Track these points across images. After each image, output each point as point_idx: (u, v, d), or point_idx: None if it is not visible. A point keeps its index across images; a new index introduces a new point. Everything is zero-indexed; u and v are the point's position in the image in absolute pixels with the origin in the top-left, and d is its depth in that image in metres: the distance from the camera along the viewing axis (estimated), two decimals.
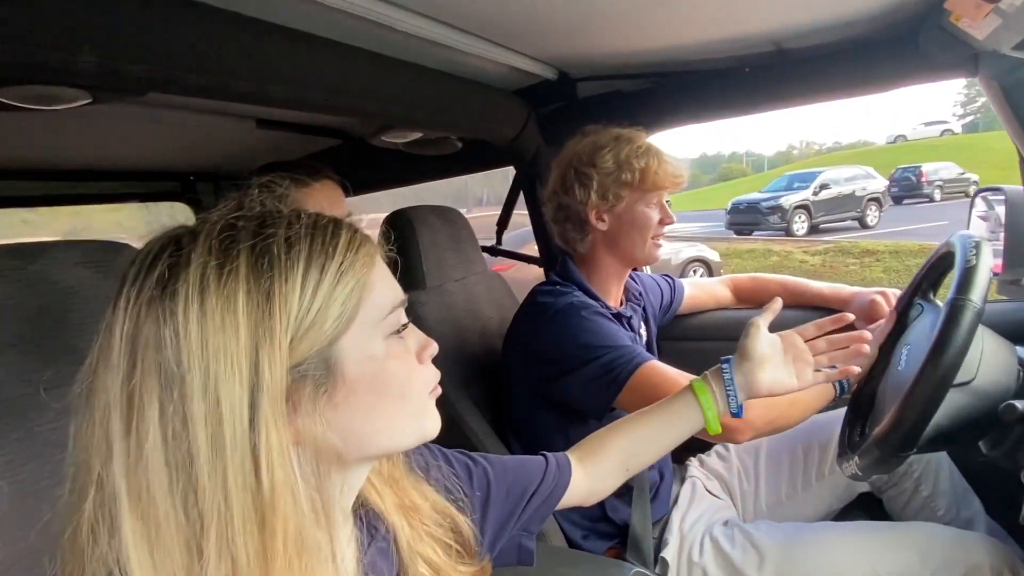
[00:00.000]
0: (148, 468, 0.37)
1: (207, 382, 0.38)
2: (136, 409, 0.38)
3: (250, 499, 0.38)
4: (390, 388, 0.46)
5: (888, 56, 1.16)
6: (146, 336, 0.38)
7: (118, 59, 0.68)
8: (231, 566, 0.38)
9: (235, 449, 0.38)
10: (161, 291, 0.39)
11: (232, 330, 0.38)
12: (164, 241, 0.41)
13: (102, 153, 1.58)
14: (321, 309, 0.41)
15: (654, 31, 1.14)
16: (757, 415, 0.91)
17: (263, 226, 0.42)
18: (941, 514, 1.14)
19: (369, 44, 1.01)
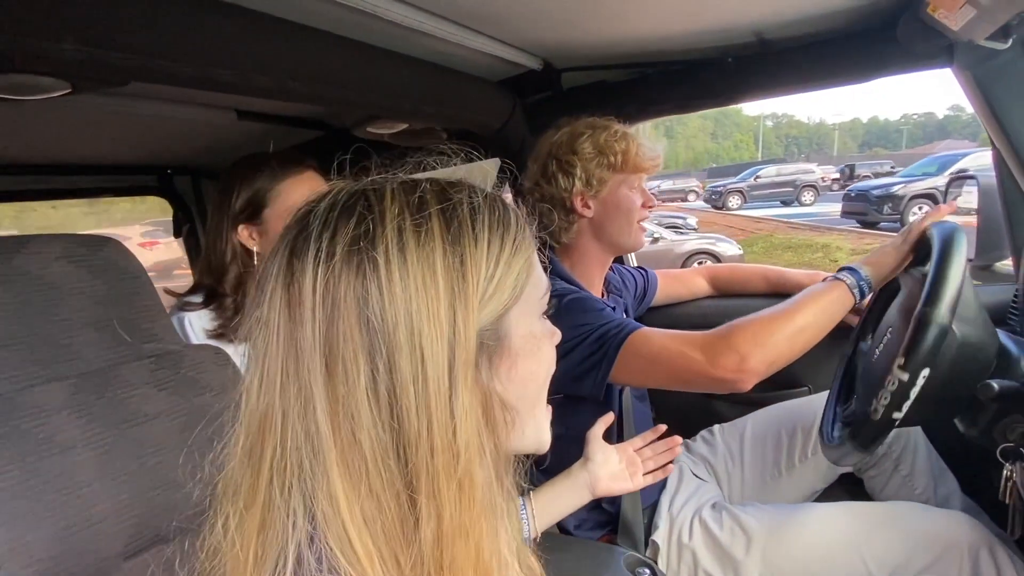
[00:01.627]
0: (354, 418, 0.38)
1: (412, 338, 0.38)
2: (339, 360, 0.38)
3: (451, 457, 0.39)
4: (541, 370, 0.46)
5: (868, 47, 1.18)
6: (345, 288, 0.38)
7: (99, 48, 0.66)
8: (436, 522, 0.38)
9: (439, 407, 0.38)
10: (360, 244, 0.38)
11: (433, 288, 0.39)
12: (349, 194, 0.41)
13: (77, 147, 1.54)
14: (502, 279, 0.41)
15: (638, 21, 1.14)
16: (759, 359, 0.91)
17: (446, 191, 0.42)
18: (919, 492, 1.18)
19: (353, 33, 1.00)
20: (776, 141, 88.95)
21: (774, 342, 0.92)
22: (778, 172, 22.65)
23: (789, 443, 1.25)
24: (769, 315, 0.95)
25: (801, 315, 0.94)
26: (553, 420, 1.14)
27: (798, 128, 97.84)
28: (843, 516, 1.02)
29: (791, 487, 1.24)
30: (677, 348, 0.96)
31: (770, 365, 0.92)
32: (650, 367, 0.98)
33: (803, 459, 1.23)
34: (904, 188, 11.01)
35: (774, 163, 30.58)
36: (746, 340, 0.92)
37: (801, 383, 1.50)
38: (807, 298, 0.97)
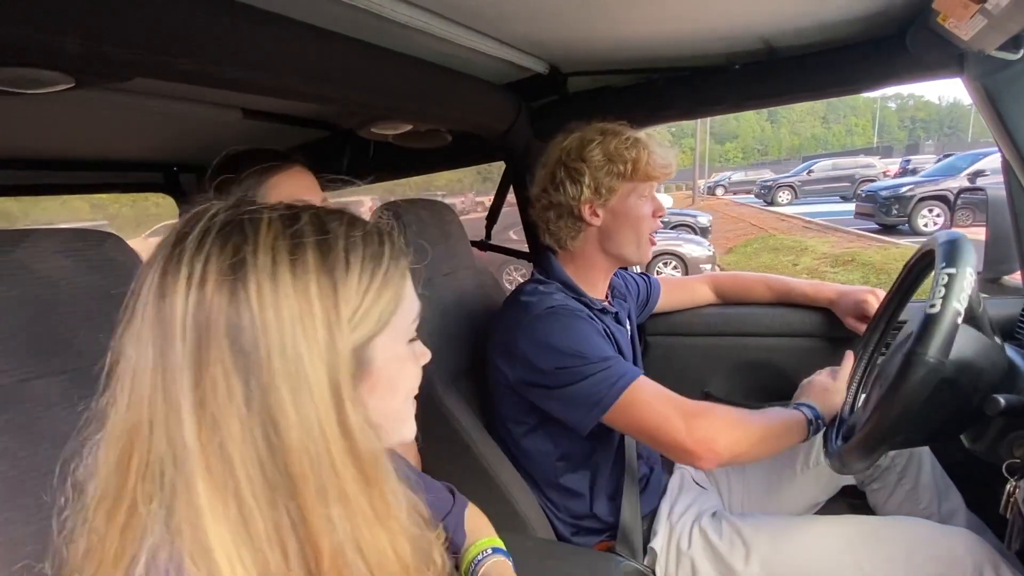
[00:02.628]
0: (223, 433, 0.40)
1: (289, 362, 0.41)
2: (208, 379, 0.40)
3: (350, 461, 0.43)
4: (403, 387, 0.51)
5: (876, 56, 1.17)
6: (217, 315, 0.40)
7: (103, 42, 0.66)
8: (345, 516, 0.42)
9: (327, 419, 0.42)
10: (232, 273, 0.41)
11: (309, 315, 0.42)
12: (225, 221, 0.43)
13: (85, 142, 1.55)
14: (368, 309, 0.45)
15: (645, 27, 1.14)
16: (725, 446, 0.97)
17: (324, 223, 0.45)
18: (923, 507, 1.16)
19: (360, 33, 0.99)
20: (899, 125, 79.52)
21: (746, 442, 0.99)
22: (834, 166, 21.61)
23: (790, 453, 1.24)
24: (747, 415, 1.02)
25: (770, 427, 1.02)
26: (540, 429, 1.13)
27: (926, 110, 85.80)
28: (845, 529, 1.01)
29: (792, 498, 1.23)
30: (664, 412, 1.00)
31: (733, 457, 0.99)
32: (636, 421, 1.01)
33: (804, 470, 1.22)
34: (913, 189, 10.49)
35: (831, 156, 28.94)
36: (725, 433, 0.98)
37: None
38: (774, 416, 1.05)
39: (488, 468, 1.16)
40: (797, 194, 20.66)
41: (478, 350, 1.29)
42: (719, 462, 0.97)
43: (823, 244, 9.77)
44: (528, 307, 1.09)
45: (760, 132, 74.09)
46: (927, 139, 49.43)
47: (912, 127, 79.19)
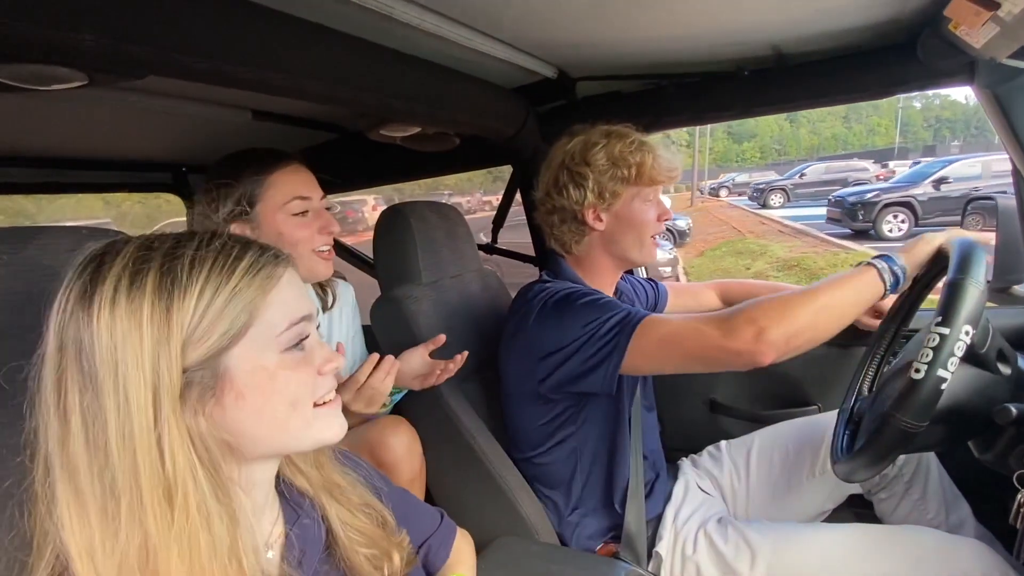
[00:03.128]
0: (73, 446, 0.46)
1: (116, 380, 0.45)
2: (63, 395, 0.46)
3: (157, 480, 0.46)
4: (280, 396, 0.51)
5: (887, 63, 1.17)
6: (70, 335, 0.46)
7: (118, 39, 0.67)
8: (143, 534, 0.45)
9: (142, 438, 0.46)
10: (81, 298, 0.47)
11: (137, 338, 0.46)
12: (92, 255, 0.49)
13: (95, 142, 1.56)
14: (210, 324, 0.48)
15: (654, 33, 1.14)
16: (777, 332, 0.87)
17: (175, 247, 0.49)
18: (930, 517, 1.15)
19: (371, 35, 1.00)
20: (924, 125, 76.05)
21: (794, 315, 0.88)
22: (827, 169, 21.41)
23: (796, 461, 1.23)
24: (790, 292, 0.92)
25: (824, 294, 0.91)
26: (552, 434, 1.13)
27: (952, 109, 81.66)
28: (852, 537, 1.00)
29: (797, 506, 1.22)
30: (692, 325, 0.93)
31: (790, 339, 0.88)
32: (664, 348, 0.95)
33: (810, 478, 1.21)
34: (878, 196, 10.75)
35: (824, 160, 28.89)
36: (764, 313, 0.89)
37: (810, 401, 1.48)
38: (832, 279, 0.94)
39: (492, 470, 1.16)
40: (789, 197, 20.66)
41: (484, 352, 1.29)
42: (778, 351, 0.88)
43: (783, 248, 9.85)
44: (543, 298, 1.08)
45: (779, 132, 72.27)
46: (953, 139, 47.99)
47: (937, 127, 76.13)
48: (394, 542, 0.66)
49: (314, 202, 1.10)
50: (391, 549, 0.65)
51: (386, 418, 1.25)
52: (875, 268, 0.93)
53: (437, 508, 0.84)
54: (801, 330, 0.89)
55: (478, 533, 0.93)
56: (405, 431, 1.21)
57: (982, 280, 0.78)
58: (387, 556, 0.64)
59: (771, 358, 0.88)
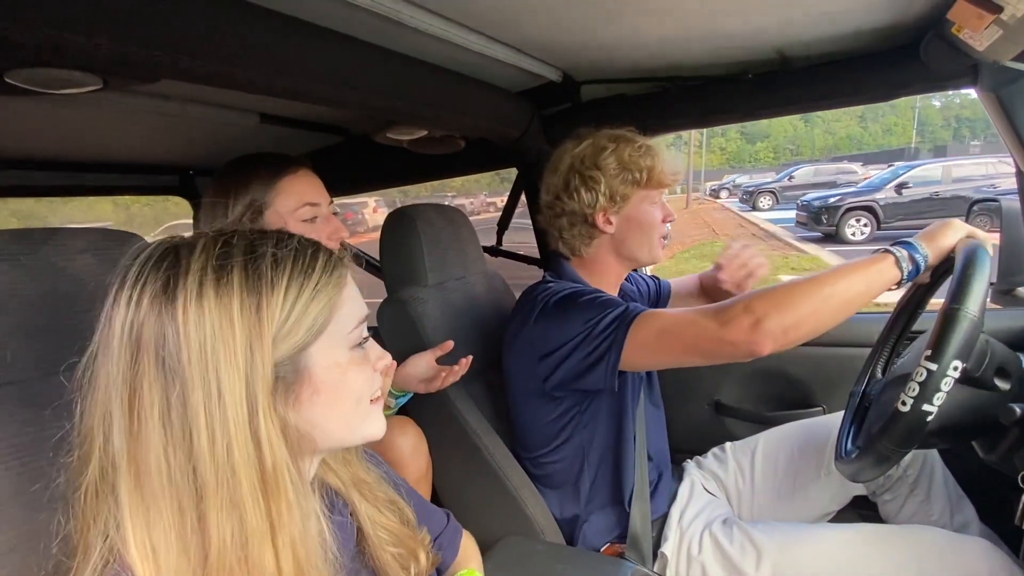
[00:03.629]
0: (147, 443, 0.45)
1: (207, 375, 0.45)
2: (137, 393, 0.45)
3: (255, 472, 0.46)
4: (348, 392, 0.53)
5: (890, 66, 1.18)
6: (148, 331, 0.45)
7: (132, 44, 0.68)
8: (239, 525, 0.45)
9: (239, 431, 0.45)
10: (163, 294, 0.46)
11: (229, 332, 0.46)
12: (164, 249, 0.49)
13: (105, 145, 1.58)
14: (297, 320, 0.48)
15: (659, 37, 1.15)
16: (774, 322, 0.85)
17: (254, 244, 0.49)
18: (935, 519, 1.15)
19: (378, 39, 1.01)
20: (943, 124, 72.82)
21: (794, 305, 0.86)
22: (815, 172, 21.56)
23: (801, 462, 1.23)
24: (793, 282, 0.89)
25: (831, 283, 0.87)
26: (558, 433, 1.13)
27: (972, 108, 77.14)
28: (858, 537, 1.00)
29: (802, 507, 1.22)
30: (688, 317, 0.93)
31: (788, 329, 0.85)
32: (662, 341, 0.95)
33: (815, 479, 1.21)
34: (841, 200, 11.02)
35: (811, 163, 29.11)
36: (762, 303, 0.87)
37: (815, 403, 1.48)
38: (842, 267, 0.90)
39: (498, 470, 1.16)
40: (778, 199, 20.66)
41: (490, 353, 1.30)
42: (776, 342, 0.85)
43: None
44: (545, 298, 1.09)
45: (793, 132, 70.85)
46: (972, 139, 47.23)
47: (957, 126, 73.45)
48: (419, 541, 0.67)
49: (323, 208, 1.11)
50: (417, 548, 0.66)
51: (393, 418, 1.26)
52: (892, 255, 0.89)
53: (443, 508, 0.85)
54: (801, 320, 0.86)
55: (484, 533, 0.94)
56: (412, 431, 1.22)
57: (977, 311, 0.76)
58: (413, 555, 0.65)
59: (769, 348, 0.87)
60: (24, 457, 0.65)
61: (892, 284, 0.90)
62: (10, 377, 0.66)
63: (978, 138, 55.40)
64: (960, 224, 0.93)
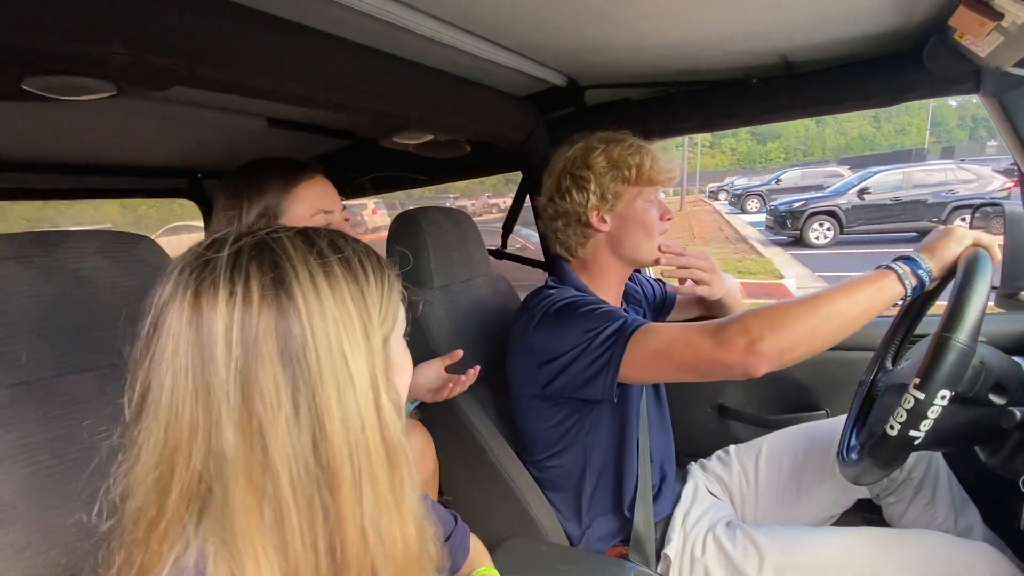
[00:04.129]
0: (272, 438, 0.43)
1: (334, 362, 0.45)
2: (257, 392, 0.43)
3: (382, 448, 0.47)
4: (406, 373, 0.56)
5: (893, 72, 1.18)
6: (265, 326, 0.44)
7: (146, 52, 0.70)
8: (373, 502, 0.46)
9: (367, 411, 0.46)
10: (273, 286, 0.44)
11: (347, 318, 0.46)
12: (252, 243, 0.47)
13: (114, 148, 1.59)
14: (387, 307, 0.51)
15: (663, 41, 1.16)
16: (769, 343, 0.85)
17: (336, 241, 0.50)
18: (939, 522, 1.15)
19: (386, 46, 1.03)
20: (959, 124, 70.74)
21: (791, 327, 0.86)
22: (802, 176, 21.57)
23: (805, 465, 1.23)
24: (792, 301, 0.89)
25: (830, 303, 0.87)
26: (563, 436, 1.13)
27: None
28: (861, 540, 1.00)
29: (805, 510, 1.22)
30: (685, 336, 0.93)
31: (783, 352, 0.86)
32: (659, 359, 0.95)
33: (818, 482, 1.21)
34: (805, 205, 11.38)
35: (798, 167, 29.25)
36: (759, 323, 0.87)
37: (819, 406, 1.48)
38: (843, 287, 0.89)
39: (503, 472, 1.17)
40: (766, 202, 20.64)
41: (495, 356, 1.31)
42: (771, 364, 0.86)
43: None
44: (544, 305, 1.09)
45: (804, 132, 69.93)
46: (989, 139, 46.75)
47: (973, 126, 70.45)
48: (431, 532, 0.67)
49: (335, 215, 1.11)
50: (429, 542, 0.66)
51: None
52: (894, 272, 0.88)
53: (449, 510, 0.86)
54: (798, 342, 0.86)
55: (489, 534, 0.94)
56: (419, 433, 1.23)
57: (968, 339, 0.76)
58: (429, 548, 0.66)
59: (764, 370, 0.87)
60: (37, 456, 0.66)
61: (896, 301, 0.89)
62: (24, 377, 0.68)
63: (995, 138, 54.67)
64: (963, 233, 0.92)
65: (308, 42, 0.91)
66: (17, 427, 0.65)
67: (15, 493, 0.63)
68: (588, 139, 1.18)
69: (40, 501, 0.64)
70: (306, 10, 0.86)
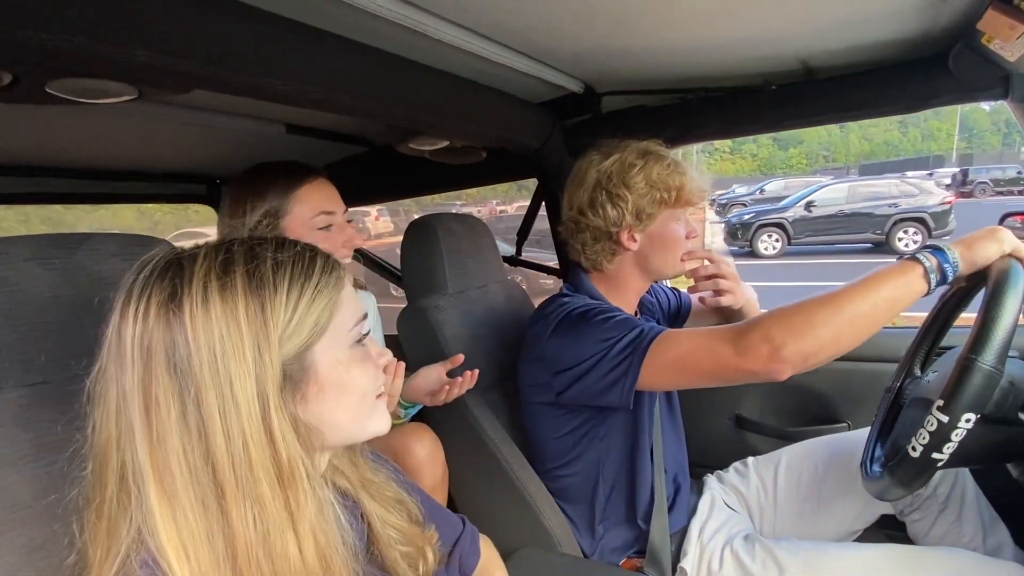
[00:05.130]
0: (167, 447, 0.47)
1: (219, 377, 0.47)
2: (153, 401, 0.47)
3: (271, 466, 0.48)
4: (353, 387, 0.55)
5: (918, 77, 1.16)
6: (158, 341, 0.47)
7: (169, 55, 0.70)
8: (260, 517, 0.47)
9: (252, 427, 0.47)
10: (169, 303, 0.48)
11: (237, 335, 0.48)
12: (167, 261, 0.50)
13: (133, 153, 1.62)
14: (300, 320, 0.51)
15: (681, 48, 1.15)
16: (793, 348, 0.83)
17: (253, 251, 0.52)
18: (966, 540, 1.12)
19: (403, 51, 1.03)
20: (991, 129, 67.74)
21: (814, 333, 0.83)
22: (785, 186, 21.70)
23: (825, 479, 1.20)
24: (814, 301, 0.86)
25: (853, 302, 0.84)
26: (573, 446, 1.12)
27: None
28: (885, 557, 0.97)
29: (826, 525, 1.19)
30: (705, 344, 0.92)
31: (808, 357, 0.84)
32: (679, 366, 0.94)
33: (840, 496, 1.18)
34: (755, 217, 12.02)
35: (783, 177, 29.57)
36: (781, 329, 0.85)
37: (840, 419, 1.45)
38: (865, 282, 0.85)
39: (516, 481, 1.16)
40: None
41: (508, 362, 1.30)
42: (796, 368, 0.85)
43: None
44: (559, 314, 1.08)
45: (827, 137, 68.58)
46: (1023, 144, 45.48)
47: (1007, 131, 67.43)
48: (427, 539, 0.68)
49: (338, 216, 1.12)
50: (425, 546, 0.67)
51: (409, 425, 1.26)
52: (921, 265, 0.84)
53: (458, 514, 0.85)
54: (823, 346, 0.84)
55: (500, 543, 0.93)
56: (428, 438, 1.22)
57: (995, 361, 0.74)
58: (422, 554, 0.67)
59: (789, 374, 0.86)
60: (51, 456, 0.66)
61: (918, 298, 0.86)
62: (43, 377, 0.68)
63: None
64: (1005, 236, 0.86)
65: (328, 47, 0.91)
66: (34, 427, 0.65)
67: (31, 492, 0.63)
68: (622, 152, 1.14)
69: (54, 502, 0.64)
70: (327, 15, 0.86)
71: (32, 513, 0.63)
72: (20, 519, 0.62)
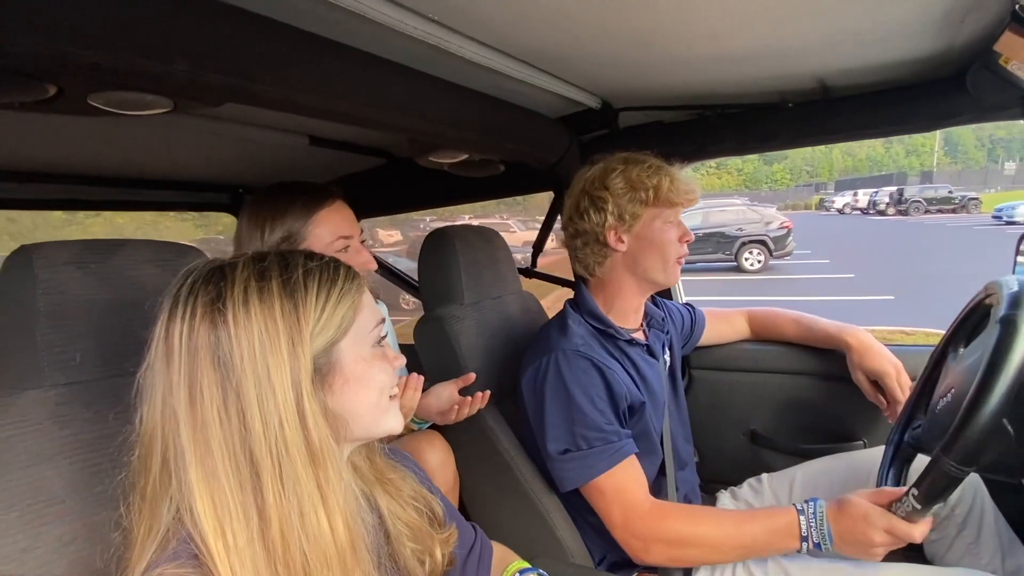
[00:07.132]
0: (209, 433, 0.52)
1: (257, 368, 0.53)
2: (198, 391, 0.53)
3: (304, 447, 0.54)
4: (373, 383, 0.61)
5: (935, 97, 1.17)
6: (203, 338, 0.53)
7: (205, 69, 0.73)
8: (294, 495, 0.53)
9: (288, 413, 0.53)
10: (212, 304, 0.54)
11: (274, 331, 0.54)
12: (210, 269, 0.57)
13: (159, 162, 1.66)
14: (328, 319, 0.57)
15: (698, 66, 1.17)
16: (660, 551, 1.03)
17: (286, 261, 0.58)
18: (985, 562, 1.10)
19: (426, 67, 1.06)
20: (976, 145, 69.61)
21: (685, 549, 1.03)
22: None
23: (840, 493, 1.19)
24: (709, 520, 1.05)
25: (732, 539, 1.01)
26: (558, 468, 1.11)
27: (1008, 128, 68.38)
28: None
29: None
30: (619, 499, 1.06)
31: (669, 562, 1.05)
32: (600, 494, 1.07)
33: None
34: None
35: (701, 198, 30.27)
36: (667, 532, 1.03)
37: (856, 436, 1.44)
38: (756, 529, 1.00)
39: (529, 491, 1.16)
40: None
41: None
42: (653, 562, 1.05)
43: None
44: (542, 353, 1.13)
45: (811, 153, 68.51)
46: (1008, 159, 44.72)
47: (991, 147, 68.88)
48: (437, 538, 0.72)
49: (354, 240, 1.15)
50: (433, 545, 0.71)
51: (422, 432, 1.28)
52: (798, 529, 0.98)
53: (470, 523, 0.87)
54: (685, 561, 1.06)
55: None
56: (440, 444, 1.23)
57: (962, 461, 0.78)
58: (429, 552, 0.70)
59: (648, 563, 1.06)
60: (86, 453, 0.68)
61: (789, 550, 0.99)
62: (78, 377, 0.71)
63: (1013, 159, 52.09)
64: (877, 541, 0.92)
65: (355, 62, 0.94)
66: (70, 424, 0.68)
67: (65, 488, 0.65)
68: (608, 160, 1.19)
69: (87, 497, 0.66)
70: (355, 33, 0.89)
71: (65, 508, 0.65)
72: (55, 513, 0.64)
